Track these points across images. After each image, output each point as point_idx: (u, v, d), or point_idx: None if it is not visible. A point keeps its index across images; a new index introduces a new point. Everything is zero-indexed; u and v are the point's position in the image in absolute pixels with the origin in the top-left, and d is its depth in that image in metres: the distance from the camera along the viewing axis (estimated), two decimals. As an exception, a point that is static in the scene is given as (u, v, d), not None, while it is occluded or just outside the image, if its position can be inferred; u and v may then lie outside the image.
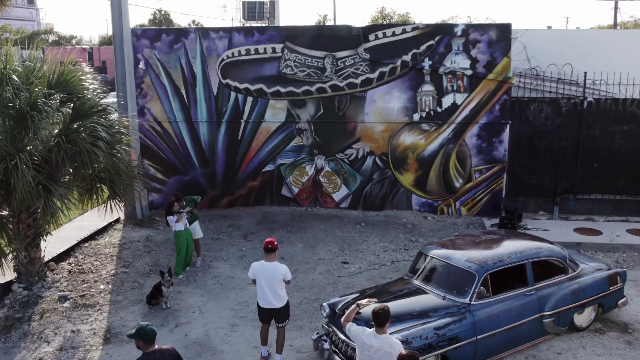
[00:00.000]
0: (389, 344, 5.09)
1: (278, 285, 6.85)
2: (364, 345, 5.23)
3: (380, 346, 5.10)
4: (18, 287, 9.13)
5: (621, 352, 7.31)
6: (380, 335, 5.16)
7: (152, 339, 4.93)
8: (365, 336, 5.26)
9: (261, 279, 6.84)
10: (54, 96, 8.21)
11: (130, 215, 12.76)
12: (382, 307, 5.29)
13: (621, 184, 12.61)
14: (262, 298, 6.92)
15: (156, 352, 4.94)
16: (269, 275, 6.82)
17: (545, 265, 7.56)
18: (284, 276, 6.85)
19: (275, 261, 6.89)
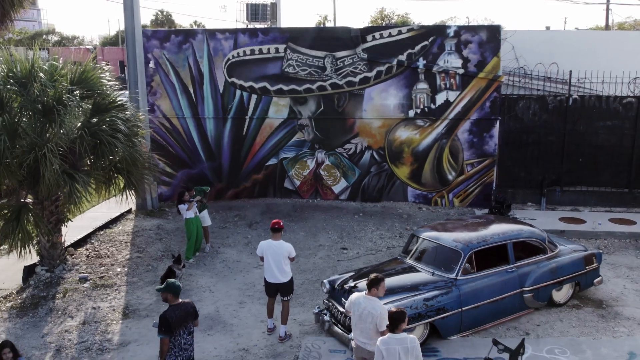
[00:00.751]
0: (373, 306, 5.83)
1: (283, 261, 7.59)
2: (355, 304, 5.98)
3: (365, 306, 5.85)
4: (41, 269, 9.87)
5: (594, 324, 8.05)
6: (369, 298, 5.91)
7: (178, 293, 5.80)
8: (358, 297, 6.01)
9: (268, 256, 7.58)
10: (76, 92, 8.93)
11: (141, 206, 13.50)
12: (376, 275, 6.03)
13: (605, 177, 13.34)
14: (269, 273, 7.66)
15: (181, 304, 5.83)
16: (275, 253, 7.56)
17: (526, 245, 8.31)
18: (288, 253, 7.59)
19: (281, 240, 7.63)
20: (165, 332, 5.70)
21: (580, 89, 13.50)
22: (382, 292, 6.00)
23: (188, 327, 5.93)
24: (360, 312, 5.93)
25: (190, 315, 5.94)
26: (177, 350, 5.81)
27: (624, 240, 11.48)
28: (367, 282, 6.02)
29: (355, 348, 6.16)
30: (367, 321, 5.87)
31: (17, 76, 8.83)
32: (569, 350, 7.32)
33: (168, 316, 5.73)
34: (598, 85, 13.15)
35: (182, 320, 5.82)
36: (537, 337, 7.69)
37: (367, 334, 5.92)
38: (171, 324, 5.70)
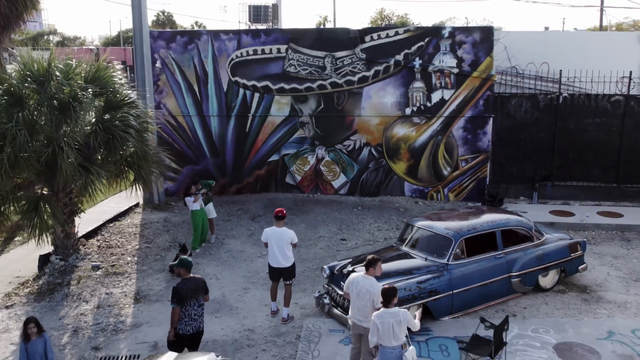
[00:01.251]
0: (370, 284, 6.36)
1: (286, 247, 8.12)
2: (353, 283, 6.51)
3: (364, 284, 6.39)
4: (55, 258, 10.40)
5: (577, 307, 8.58)
6: (366, 276, 6.44)
7: (189, 268, 6.42)
8: (356, 276, 6.55)
9: (272, 242, 8.12)
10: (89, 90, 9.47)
11: (149, 200, 14.03)
12: (373, 256, 6.58)
13: (594, 172, 13.88)
14: (273, 258, 8.19)
15: (192, 278, 6.48)
16: (279, 239, 8.09)
17: (514, 233, 8.84)
18: (291, 239, 8.13)
19: (284, 227, 8.17)
20: (176, 302, 6.31)
21: (570, 88, 14.04)
22: (378, 271, 6.53)
23: (199, 299, 6.52)
24: (358, 290, 6.45)
25: (200, 289, 6.53)
26: (188, 320, 6.40)
27: (610, 231, 12.01)
28: (365, 262, 6.55)
29: (352, 326, 6.68)
30: (365, 298, 6.39)
31: (35, 75, 9.35)
32: (552, 329, 7.85)
33: (180, 288, 6.33)
34: (587, 84, 13.68)
35: (193, 293, 6.40)
36: (523, 318, 8.22)
37: (364, 311, 6.44)
38: (182, 295, 6.29)
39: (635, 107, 13.48)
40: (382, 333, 5.84)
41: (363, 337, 6.44)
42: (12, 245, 11.88)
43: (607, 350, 7.32)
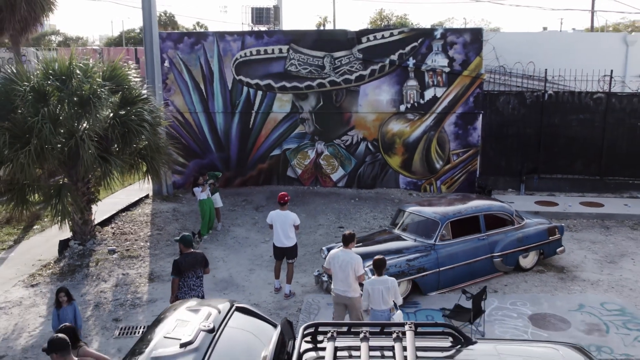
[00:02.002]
0: (350, 256, 7.17)
1: (289, 228, 8.95)
2: (334, 258, 7.30)
3: (343, 258, 7.19)
4: (74, 243, 11.23)
5: (554, 284, 9.41)
6: (345, 250, 7.26)
7: (190, 244, 7.30)
8: (335, 252, 7.35)
9: (277, 224, 8.94)
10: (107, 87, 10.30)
11: (158, 192, 14.86)
12: (349, 232, 7.40)
13: (578, 165, 14.70)
14: (277, 239, 9.02)
15: (191, 253, 7.37)
16: (283, 221, 8.92)
17: (496, 218, 9.66)
18: (293, 221, 8.96)
19: (287, 210, 9.00)
20: (175, 274, 7.22)
21: (555, 86, 14.86)
22: (353, 246, 7.33)
23: (197, 272, 7.38)
24: (339, 263, 7.24)
25: (198, 263, 7.38)
26: (187, 289, 7.26)
27: (591, 220, 12.83)
28: (342, 238, 7.35)
29: (335, 297, 7.41)
30: (347, 270, 7.17)
31: (57, 73, 10.17)
32: (529, 303, 8.68)
33: (179, 261, 7.24)
34: (572, 82, 14.50)
35: (191, 266, 7.27)
36: (503, 293, 9.05)
37: (347, 282, 7.21)
38: (180, 267, 7.19)
39: (616, 103, 14.30)
40: (373, 298, 6.66)
41: (349, 306, 7.24)
42: (32, 232, 12.71)
43: (577, 320, 8.14)
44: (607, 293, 9.11)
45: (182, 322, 4.12)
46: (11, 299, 9.27)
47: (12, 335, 8.14)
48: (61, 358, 4.54)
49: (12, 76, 10.08)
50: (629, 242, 11.54)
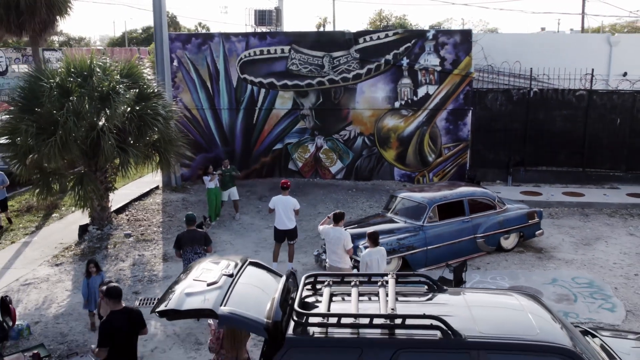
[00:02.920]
0: (340, 232, 8.11)
1: (290, 212, 9.89)
2: (325, 233, 8.26)
3: (333, 234, 8.13)
4: (92, 228, 12.18)
5: (532, 263, 10.36)
6: (335, 228, 8.20)
7: (190, 222, 8.34)
8: (326, 228, 8.30)
9: (279, 207, 9.89)
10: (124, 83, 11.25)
11: (167, 183, 15.81)
12: (340, 211, 8.34)
13: (562, 158, 15.65)
14: (279, 221, 9.96)
15: (192, 231, 8.39)
16: (284, 205, 9.87)
17: (479, 203, 10.60)
18: (294, 206, 9.90)
19: (288, 195, 9.94)
20: (175, 247, 8.44)
21: (540, 84, 15.81)
22: (342, 223, 8.27)
23: (195, 248, 8.38)
24: (330, 238, 8.19)
25: (196, 240, 8.36)
26: (186, 262, 8.29)
27: (572, 208, 13.79)
28: (333, 217, 8.28)
29: (329, 267, 8.36)
30: (337, 245, 8.12)
31: (79, 71, 11.12)
32: (507, 277, 9.64)
33: (179, 236, 8.40)
34: (557, 80, 15.46)
35: (189, 242, 8.31)
36: (485, 270, 10.01)
37: (338, 253, 8.17)
38: (180, 241, 8.31)
39: (597, 100, 15.25)
40: (370, 266, 7.61)
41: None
42: (51, 220, 13.65)
43: (549, 291, 9.09)
44: (579, 270, 10.07)
45: (207, 270, 5.07)
46: (39, 276, 10.22)
47: (43, 306, 9.09)
48: (112, 303, 5.52)
49: (38, 74, 11.02)
50: (605, 227, 12.48)
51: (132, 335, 5.62)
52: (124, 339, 5.49)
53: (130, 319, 5.61)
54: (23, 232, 12.70)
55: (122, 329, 5.50)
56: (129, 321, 5.58)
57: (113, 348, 5.40)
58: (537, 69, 15.50)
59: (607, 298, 8.88)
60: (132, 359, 5.69)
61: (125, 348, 5.55)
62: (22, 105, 11.05)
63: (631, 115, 15.19)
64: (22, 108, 10.99)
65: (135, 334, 5.70)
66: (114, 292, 5.61)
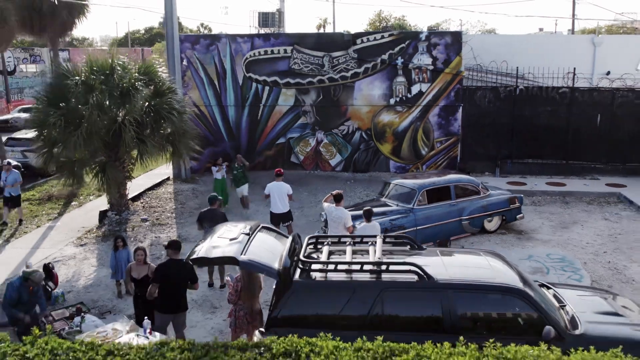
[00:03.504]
0: (341, 211, 9.19)
1: (284, 197, 10.95)
2: (328, 211, 9.34)
3: (336, 213, 9.21)
4: (111, 213, 13.27)
5: (512, 242, 11.46)
6: (337, 207, 9.28)
7: (211, 202, 9.40)
8: (329, 206, 9.38)
9: (274, 193, 10.96)
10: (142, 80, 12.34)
11: (177, 175, 16.92)
12: (339, 191, 9.43)
13: (546, 151, 16.74)
14: (274, 206, 11.01)
15: (212, 209, 9.45)
16: (279, 190, 10.94)
17: (465, 188, 11.69)
18: (287, 191, 10.97)
19: (282, 182, 11.01)
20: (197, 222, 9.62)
21: (526, 82, 16.91)
22: (342, 203, 9.35)
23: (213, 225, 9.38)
24: (332, 217, 9.27)
25: (216, 218, 9.28)
26: None
27: (554, 197, 14.88)
28: (334, 197, 9.36)
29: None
30: (339, 222, 9.20)
31: (101, 69, 12.22)
32: (488, 254, 10.72)
33: (201, 213, 9.59)
34: (542, 79, 16.55)
35: (208, 219, 9.32)
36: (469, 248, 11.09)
37: (339, 231, 9.22)
38: (201, 219, 9.43)
39: (579, 97, 16.35)
40: (366, 240, 8.70)
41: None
42: (70, 207, 14.75)
43: (525, 265, 10.17)
44: (554, 248, 11.17)
45: (229, 230, 6.17)
46: (66, 254, 11.31)
47: (73, 279, 10.18)
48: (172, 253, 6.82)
49: (65, 72, 12.13)
50: (583, 213, 13.58)
51: (180, 283, 6.81)
52: (174, 283, 6.70)
53: (182, 269, 6.80)
54: (46, 217, 13.79)
55: (174, 274, 6.76)
56: (180, 270, 6.78)
57: (163, 290, 6.56)
58: (525, 69, 16.59)
59: (576, 270, 9.98)
60: (179, 305, 6.84)
61: (174, 293, 6.74)
62: (48, 100, 12.14)
63: (611, 111, 16.29)
64: (49, 103, 12.08)
65: (185, 284, 6.87)
66: (175, 244, 6.97)
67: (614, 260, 10.51)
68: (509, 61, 17.41)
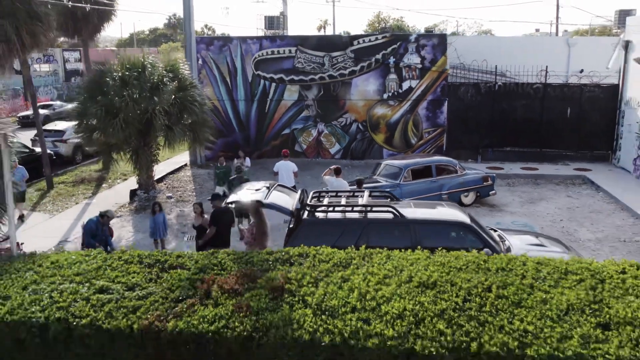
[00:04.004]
0: (340, 182, 11.25)
1: (290, 173, 13.03)
2: (329, 183, 11.39)
3: (337, 184, 11.25)
4: (140, 192, 15.32)
5: (484, 214, 13.49)
6: (337, 179, 11.33)
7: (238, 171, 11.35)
8: (330, 179, 11.44)
9: (281, 170, 13.04)
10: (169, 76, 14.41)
11: (193, 162, 18.99)
12: (338, 166, 11.49)
13: (522, 140, 18.77)
14: (281, 181, 12.82)
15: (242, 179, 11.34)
16: (286, 168, 13.02)
17: (444, 168, 13.74)
18: (293, 168, 13.05)
19: (288, 160, 13.07)
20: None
21: (505, 79, 18.96)
22: (341, 175, 11.40)
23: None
24: (333, 187, 11.28)
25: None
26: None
27: (526, 179, 16.93)
28: (334, 170, 11.42)
29: None
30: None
31: (133, 66, 14.27)
32: (463, 221, 12.76)
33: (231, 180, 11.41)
34: (518, 76, 18.58)
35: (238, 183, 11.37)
36: (447, 217, 13.13)
37: None
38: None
39: (550, 92, 18.39)
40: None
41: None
42: (101, 189, 16.81)
43: (492, 230, 12.21)
44: (520, 217, 13.22)
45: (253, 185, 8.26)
46: (106, 224, 13.35)
47: (116, 241, 12.21)
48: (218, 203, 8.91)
49: (102, 69, 14.19)
50: (550, 192, 15.62)
51: (228, 225, 8.98)
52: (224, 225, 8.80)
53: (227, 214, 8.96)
54: (83, 196, 15.84)
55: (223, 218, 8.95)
56: (226, 215, 8.91)
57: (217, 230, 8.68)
58: (506, 67, 18.63)
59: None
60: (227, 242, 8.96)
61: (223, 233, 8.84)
62: (88, 94, 14.20)
63: (579, 104, 18.34)
64: (89, 96, 14.14)
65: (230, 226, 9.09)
66: (218, 196, 9.32)
67: (567, 226, 12.57)
68: (494, 61, 19.37)
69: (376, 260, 6.02)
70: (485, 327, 4.66)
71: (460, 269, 5.71)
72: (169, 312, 5.06)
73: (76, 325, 5.01)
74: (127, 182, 17.17)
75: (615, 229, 12.36)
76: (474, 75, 19.58)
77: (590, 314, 4.87)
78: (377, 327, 4.70)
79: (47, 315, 5.11)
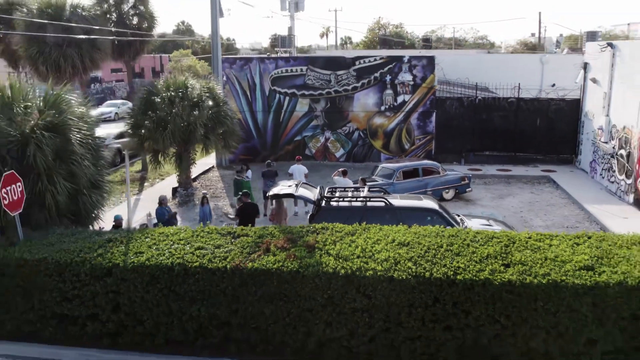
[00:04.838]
0: (347, 181, 14.53)
1: (302, 175, 16.28)
2: (338, 182, 14.67)
3: (344, 182, 14.51)
4: (180, 189, 18.63)
5: (460, 206, 16.77)
6: (344, 178, 14.62)
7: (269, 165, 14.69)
8: (339, 178, 14.74)
9: (295, 172, 16.30)
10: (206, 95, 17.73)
11: (219, 164, 22.32)
12: (344, 168, 14.80)
13: (500, 146, 22.06)
14: None
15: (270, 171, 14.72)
16: (299, 170, 16.30)
17: (429, 169, 17.04)
18: (305, 171, 16.33)
19: (301, 165, 16.37)
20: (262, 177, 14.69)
21: (485, 93, 22.25)
22: (347, 175, 14.71)
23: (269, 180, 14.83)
24: (341, 184, 14.59)
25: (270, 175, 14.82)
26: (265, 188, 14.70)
27: (500, 179, 20.22)
28: (342, 172, 14.72)
29: None
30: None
31: (176, 86, 17.57)
32: (443, 212, 16.06)
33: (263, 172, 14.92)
34: (496, 90, 21.86)
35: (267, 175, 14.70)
36: (431, 209, 16.43)
37: None
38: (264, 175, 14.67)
39: (523, 105, 21.68)
40: (356, 197, 14.08)
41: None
42: (145, 187, 20.12)
43: (465, 219, 15.49)
44: (488, 209, 16.51)
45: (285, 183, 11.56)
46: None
47: (168, 227, 15.51)
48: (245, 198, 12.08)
49: (151, 89, 17.50)
50: (518, 189, 18.92)
51: (253, 216, 12.11)
52: (248, 215, 11.98)
53: (252, 208, 12.11)
54: (131, 192, 19.13)
55: (248, 211, 12.02)
56: (251, 209, 12.08)
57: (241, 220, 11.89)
58: (484, 83, 21.90)
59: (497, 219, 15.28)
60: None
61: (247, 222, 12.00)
62: (141, 110, 17.50)
63: (547, 116, 21.62)
64: (141, 111, 17.44)
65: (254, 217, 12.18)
66: (245, 193, 12.13)
67: (525, 216, 15.87)
68: (476, 77, 22.66)
69: (372, 231, 9.30)
70: (435, 265, 7.94)
71: (425, 235, 8.98)
72: (246, 259, 8.34)
73: (190, 266, 8.29)
74: (165, 181, 20.50)
75: (563, 218, 15.65)
76: (457, 90, 22.87)
77: (500, 259, 8.14)
78: (372, 265, 7.98)
79: (172, 261, 8.39)
